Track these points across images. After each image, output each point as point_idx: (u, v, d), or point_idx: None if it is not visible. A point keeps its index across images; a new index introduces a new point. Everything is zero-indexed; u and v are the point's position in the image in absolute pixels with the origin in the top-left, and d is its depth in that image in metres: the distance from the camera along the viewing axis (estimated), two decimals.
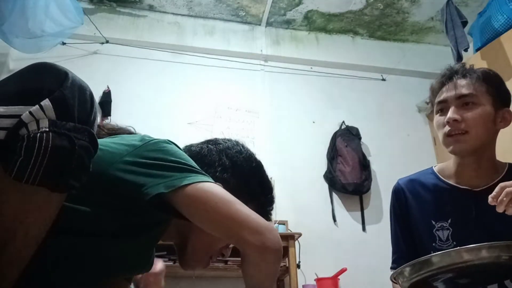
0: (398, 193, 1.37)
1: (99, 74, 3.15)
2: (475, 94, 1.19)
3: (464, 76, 1.22)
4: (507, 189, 0.93)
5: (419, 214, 1.30)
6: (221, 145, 0.96)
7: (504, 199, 0.92)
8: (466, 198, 1.23)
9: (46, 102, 0.59)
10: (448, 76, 1.24)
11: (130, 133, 0.97)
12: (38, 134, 0.57)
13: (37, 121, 0.57)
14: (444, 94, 1.23)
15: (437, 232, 1.24)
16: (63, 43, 3.11)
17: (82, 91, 0.63)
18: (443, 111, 1.23)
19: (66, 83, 0.61)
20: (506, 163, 1.28)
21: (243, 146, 0.99)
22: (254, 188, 0.94)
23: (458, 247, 0.81)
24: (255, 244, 0.72)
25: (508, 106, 1.25)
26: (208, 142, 0.98)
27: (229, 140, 0.99)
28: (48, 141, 0.56)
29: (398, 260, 1.33)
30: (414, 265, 0.85)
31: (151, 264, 0.99)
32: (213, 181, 0.77)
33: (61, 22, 2.74)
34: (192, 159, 0.85)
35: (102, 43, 3.27)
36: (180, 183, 0.70)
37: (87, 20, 3.12)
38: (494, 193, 0.95)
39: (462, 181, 1.25)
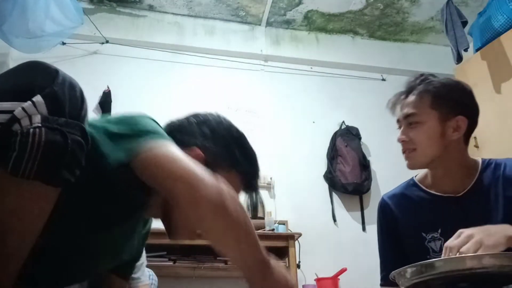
0: (385, 209, 1.36)
1: (99, 74, 3.15)
2: (417, 112, 1.22)
3: (409, 94, 1.25)
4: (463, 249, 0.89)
5: (408, 229, 1.29)
6: (201, 117, 0.97)
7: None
8: (451, 205, 1.22)
9: (38, 98, 0.60)
10: (397, 97, 1.29)
11: None
12: (31, 129, 0.58)
13: (30, 117, 0.58)
14: (397, 114, 1.29)
15: (429, 244, 1.23)
16: (63, 43, 3.11)
17: (73, 88, 0.64)
18: (400, 128, 1.29)
19: (57, 80, 0.63)
20: (478, 160, 1.28)
21: (224, 118, 0.99)
22: (236, 156, 0.94)
23: (462, 255, 0.81)
24: (184, 196, 0.68)
25: (464, 114, 1.23)
26: (189, 115, 0.99)
27: (210, 113, 0.99)
28: (41, 135, 0.58)
29: (385, 278, 1.32)
30: (416, 267, 0.85)
31: (140, 252, 0.99)
32: (170, 139, 0.75)
33: (61, 22, 2.74)
34: (174, 132, 0.88)
35: (102, 43, 3.27)
36: (137, 149, 0.70)
37: (87, 20, 3.12)
38: (443, 255, 0.92)
39: (443, 189, 1.25)
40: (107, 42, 3.27)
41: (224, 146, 0.93)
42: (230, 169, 0.92)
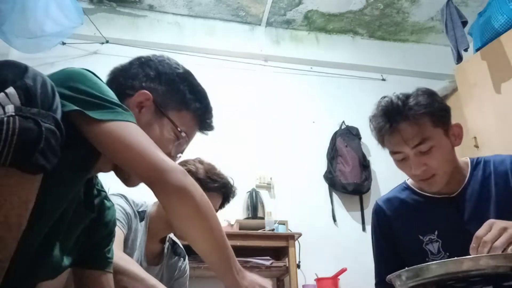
0: (379, 214, 1.35)
1: (99, 74, 3.09)
2: (426, 137, 1.14)
3: (404, 119, 1.15)
4: (484, 239, 0.87)
5: (404, 232, 1.28)
6: (143, 59, 0.97)
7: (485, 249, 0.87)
8: (446, 206, 1.22)
9: (10, 90, 0.61)
10: (388, 124, 1.17)
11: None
12: (5, 118, 0.59)
13: (3, 107, 0.60)
14: (396, 146, 1.18)
15: (427, 246, 1.23)
16: (63, 43, 3.11)
17: (44, 82, 0.65)
18: (403, 159, 1.19)
19: (27, 74, 0.64)
20: (467, 160, 1.28)
21: (168, 58, 0.99)
22: (185, 94, 0.94)
23: (457, 257, 0.81)
24: (156, 181, 0.73)
25: (450, 118, 1.21)
26: (131, 59, 0.99)
27: (154, 54, 0.99)
28: (15, 123, 0.59)
29: (380, 283, 1.33)
30: (413, 271, 0.85)
31: (106, 240, 0.99)
32: (131, 120, 0.76)
33: (61, 22, 2.74)
34: (116, 75, 0.92)
35: (102, 43, 3.27)
36: (97, 117, 0.71)
37: (87, 20, 3.12)
38: (473, 244, 0.89)
39: (437, 191, 1.24)
40: (107, 42, 3.27)
41: (170, 85, 0.93)
42: (180, 108, 0.93)
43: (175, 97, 0.93)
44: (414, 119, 1.14)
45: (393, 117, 1.17)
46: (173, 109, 0.92)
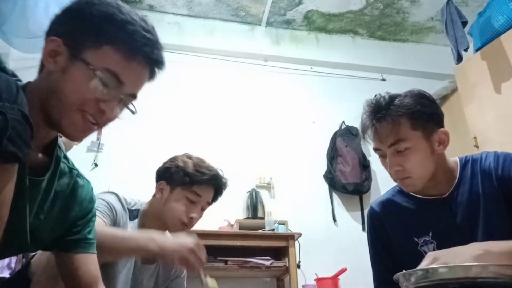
0: (374, 217, 1.35)
1: None
2: (402, 138, 1.15)
3: (384, 118, 1.17)
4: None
5: (399, 235, 1.28)
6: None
7: None
8: (439, 207, 1.22)
9: None
10: (369, 121, 1.20)
11: None
12: None
13: None
14: (374, 143, 1.23)
15: (422, 248, 1.23)
16: None
17: (7, 79, 0.68)
18: (382, 156, 1.23)
19: None
20: (456, 160, 1.28)
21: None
22: (98, 26, 0.81)
23: (467, 263, 0.80)
24: None
25: (440, 124, 1.21)
26: None
27: None
28: None
29: (379, 286, 1.32)
30: (418, 272, 0.85)
31: (76, 224, 0.98)
32: None
33: None
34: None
35: None
36: None
37: None
38: None
39: (429, 193, 1.25)
40: None
41: (77, 20, 0.81)
42: (98, 43, 0.80)
43: (88, 33, 0.80)
44: (392, 119, 1.16)
45: (375, 115, 1.20)
46: (90, 47, 0.80)
